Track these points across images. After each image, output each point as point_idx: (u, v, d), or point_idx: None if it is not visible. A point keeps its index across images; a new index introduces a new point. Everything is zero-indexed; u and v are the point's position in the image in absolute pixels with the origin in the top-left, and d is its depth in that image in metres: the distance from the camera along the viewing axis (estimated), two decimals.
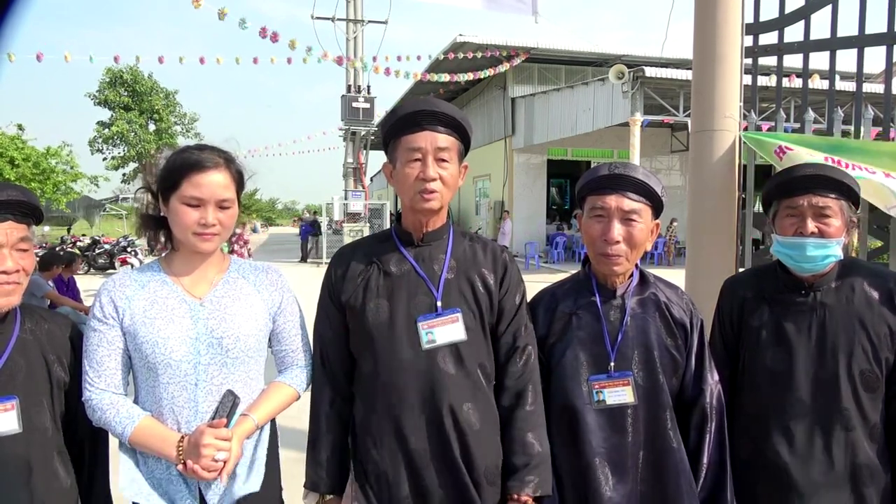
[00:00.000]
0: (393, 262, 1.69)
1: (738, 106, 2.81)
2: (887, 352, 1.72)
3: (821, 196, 1.73)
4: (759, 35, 3.00)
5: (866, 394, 1.72)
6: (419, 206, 1.63)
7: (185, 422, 1.58)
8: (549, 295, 1.84)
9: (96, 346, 1.59)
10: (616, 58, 19.23)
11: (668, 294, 1.78)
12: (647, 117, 14.25)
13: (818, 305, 1.78)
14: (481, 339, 1.67)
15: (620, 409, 1.67)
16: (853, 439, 1.71)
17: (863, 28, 2.83)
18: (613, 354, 1.69)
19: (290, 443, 1.93)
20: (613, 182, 1.69)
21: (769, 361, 1.80)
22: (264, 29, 15.45)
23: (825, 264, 1.76)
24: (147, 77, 37.11)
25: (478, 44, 18.91)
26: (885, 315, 1.74)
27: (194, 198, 1.57)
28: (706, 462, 1.69)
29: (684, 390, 1.74)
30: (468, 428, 1.60)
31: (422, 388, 1.59)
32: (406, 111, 1.64)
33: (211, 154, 1.60)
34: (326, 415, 1.70)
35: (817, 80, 7.72)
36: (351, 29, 19.44)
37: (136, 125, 36.44)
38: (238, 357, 1.64)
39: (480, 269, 1.70)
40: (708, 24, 2.81)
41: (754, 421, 1.82)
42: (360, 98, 18.99)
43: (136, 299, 1.61)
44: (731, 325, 1.93)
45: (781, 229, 1.79)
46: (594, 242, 1.71)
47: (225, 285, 1.69)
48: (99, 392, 1.58)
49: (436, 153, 1.61)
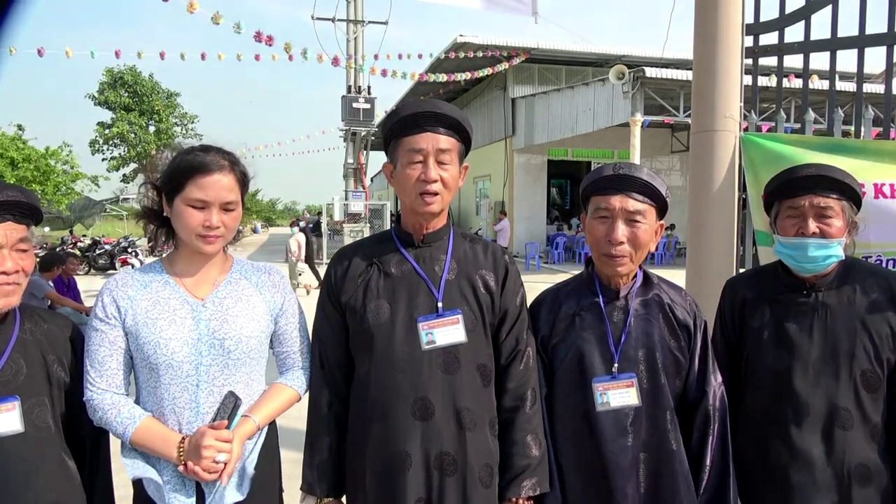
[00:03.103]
0: (393, 262, 1.68)
1: (738, 106, 2.81)
2: (889, 352, 1.72)
3: (822, 196, 1.73)
4: (760, 35, 3.00)
5: (868, 394, 1.72)
6: (420, 208, 1.63)
7: (187, 423, 1.58)
8: (551, 295, 1.84)
9: (98, 346, 1.59)
10: (616, 58, 19.23)
11: (671, 295, 1.78)
12: (647, 118, 14.24)
13: (820, 306, 1.77)
14: (482, 341, 1.66)
15: (622, 411, 1.67)
16: (854, 440, 1.71)
17: (863, 28, 2.83)
18: (617, 356, 1.69)
19: (290, 444, 1.92)
20: (618, 183, 1.69)
21: (771, 362, 1.80)
22: (259, 33, 15.47)
23: (827, 265, 1.76)
24: (147, 77, 37.12)
25: (478, 44, 18.91)
26: (887, 315, 1.74)
27: (199, 200, 1.57)
28: (709, 463, 1.69)
29: (687, 392, 1.73)
30: (465, 430, 1.60)
31: (419, 388, 1.59)
32: (407, 112, 1.63)
33: (216, 156, 1.60)
34: (324, 417, 1.69)
35: (817, 81, 7.72)
36: (351, 29, 19.45)
37: (136, 126, 36.44)
38: (240, 358, 1.63)
39: (481, 271, 1.69)
40: (708, 25, 2.81)
41: (756, 421, 1.81)
42: (361, 99, 19.00)
43: (139, 299, 1.61)
44: (732, 326, 1.93)
45: (783, 230, 1.79)
46: (598, 243, 1.71)
47: (227, 286, 1.69)
48: (100, 392, 1.58)
49: (437, 155, 1.61)
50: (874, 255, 2.44)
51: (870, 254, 2.43)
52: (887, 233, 2.44)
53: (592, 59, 20.96)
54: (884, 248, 2.42)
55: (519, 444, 1.65)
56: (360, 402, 1.65)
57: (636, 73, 13.63)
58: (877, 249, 2.44)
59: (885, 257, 2.44)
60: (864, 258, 2.37)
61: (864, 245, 2.37)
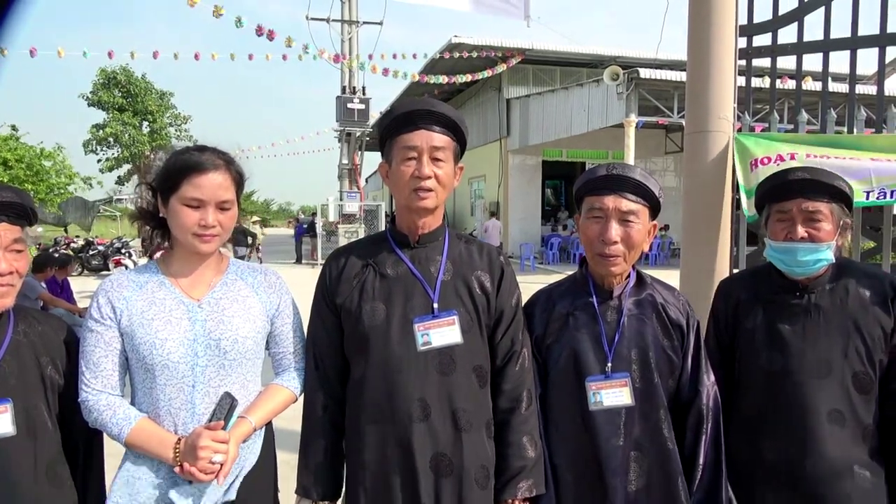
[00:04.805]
0: (389, 263, 1.68)
1: (732, 107, 2.83)
2: (881, 353, 1.73)
3: (811, 200, 1.73)
4: (753, 37, 3.01)
5: (860, 395, 1.72)
6: (414, 204, 1.63)
7: (182, 423, 1.58)
8: (545, 295, 1.84)
9: (93, 347, 1.58)
10: (611, 59, 19.28)
11: (664, 295, 1.78)
12: (641, 118, 14.30)
13: (812, 307, 1.78)
14: (478, 341, 1.66)
15: (615, 410, 1.67)
16: (846, 441, 1.71)
17: (856, 30, 2.85)
18: (611, 355, 1.70)
19: (285, 446, 1.92)
20: (611, 183, 1.69)
21: (764, 363, 1.81)
22: (260, 27, 15.42)
23: (817, 268, 1.76)
24: (140, 78, 36.98)
25: (473, 45, 18.93)
26: (879, 316, 1.74)
27: (194, 199, 1.56)
28: (702, 462, 1.70)
29: (681, 391, 1.74)
30: (461, 431, 1.60)
31: (415, 390, 1.58)
32: (402, 110, 1.64)
33: (211, 155, 1.60)
34: (319, 419, 1.69)
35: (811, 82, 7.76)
36: (346, 30, 19.43)
37: (129, 126, 36.29)
38: (236, 359, 1.63)
39: (477, 272, 1.69)
40: (702, 26, 2.82)
41: (749, 422, 1.82)
42: (356, 99, 19.00)
43: (134, 300, 1.60)
44: (725, 327, 1.93)
45: (773, 234, 1.80)
46: (592, 243, 1.71)
47: (223, 287, 1.68)
48: (95, 393, 1.57)
49: (431, 152, 1.61)
50: (876, 189, 2.67)
51: (871, 189, 2.67)
52: (887, 171, 2.65)
53: (587, 60, 21.01)
54: (882, 181, 2.67)
55: (515, 446, 1.65)
56: (355, 404, 1.65)
57: (630, 74, 13.67)
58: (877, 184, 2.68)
59: (887, 188, 2.66)
60: (866, 194, 2.65)
61: (865, 181, 2.66)
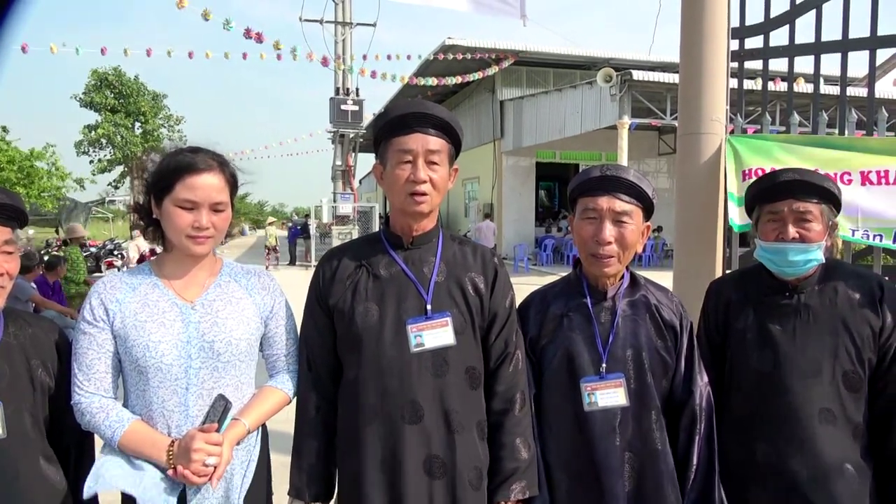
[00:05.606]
0: (382, 265, 1.68)
1: (724, 109, 2.84)
2: (870, 353, 1.75)
3: (802, 201, 1.74)
4: (745, 39, 3.03)
5: (850, 394, 1.74)
6: (409, 208, 1.63)
7: (176, 426, 1.57)
8: (539, 296, 1.85)
9: (86, 349, 1.57)
10: (604, 61, 19.35)
11: (658, 296, 1.79)
12: (634, 120, 14.33)
13: (802, 307, 1.79)
14: (471, 343, 1.66)
15: (610, 411, 1.68)
16: (837, 439, 1.72)
17: (847, 32, 2.87)
18: (605, 356, 1.70)
19: (279, 447, 1.91)
20: (605, 184, 1.70)
21: (754, 363, 1.81)
22: (248, 30, 15.41)
23: (807, 268, 1.78)
24: (133, 79, 36.82)
25: (467, 46, 18.95)
26: (868, 316, 1.76)
27: (188, 200, 1.56)
28: (695, 463, 1.70)
29: (674, 392, 1.75)
30: (454, 433, 1.60)
31: (407, 391, 1.58)
32: (397, 113, 1.63)
33: (205, 157, 1.60)
34: (312, 421, 1.68)
35: (802, 84, 7.81)
36: (339, 31, 19.41)
37: (122, 127, 36.11)
38: (229, 361, 1.63)
39: (470, 273, 1.69)
40: (694, 28, 2.84)
41: (741, 422, 1.83)
42: (349, 101, 18.98)
43: (127, 302, 1.60)
44: (716, 327, 1.94)
45: (763, 234, 1.81)
46: (586, 244, 1.72)
47: (217, 289, 1.68)
48: (88, 396, 1.56)
49: (426, 155, 1.61)
50: (861, 230, 2.66)
51: (857, 228, 2.66)
52: (873, 212, 2.64)
53: (580, 61, 21.08)
54: (868, 223, 2.65)
55: (508, 448, 1.65)
56: (348, 405, 1.65)
57: (623, 76, 13.71)
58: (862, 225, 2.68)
59: (871, 231, 2.65)
60: (852, 231, 2.64)
61: (852, 219, 2.64)
